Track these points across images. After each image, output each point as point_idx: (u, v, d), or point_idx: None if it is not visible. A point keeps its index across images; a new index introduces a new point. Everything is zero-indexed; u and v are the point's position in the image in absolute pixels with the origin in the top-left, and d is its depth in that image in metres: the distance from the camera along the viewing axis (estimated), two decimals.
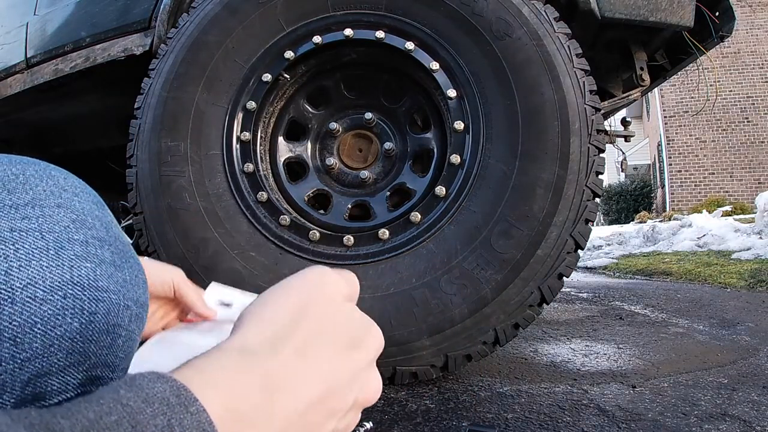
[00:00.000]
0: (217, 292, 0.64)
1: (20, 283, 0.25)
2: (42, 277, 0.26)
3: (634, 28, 1.23)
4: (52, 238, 0.27)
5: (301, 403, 0.27)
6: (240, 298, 0.65)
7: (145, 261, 0.54)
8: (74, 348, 0.27)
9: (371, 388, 0.33)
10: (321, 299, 0.31)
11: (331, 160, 1.21)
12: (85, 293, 0.27)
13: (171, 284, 0.57)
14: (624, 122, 1.78)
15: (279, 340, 0.28)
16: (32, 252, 0.26)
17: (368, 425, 0.80)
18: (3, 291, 0.25)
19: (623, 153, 2.06)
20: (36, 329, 0.25)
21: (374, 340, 0.34)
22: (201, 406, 0.22)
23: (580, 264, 4.70)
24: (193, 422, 0.22)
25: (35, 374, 0.26)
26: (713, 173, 11.39)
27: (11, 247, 0.26)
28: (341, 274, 0.35)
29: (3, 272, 0.25)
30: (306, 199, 1.20)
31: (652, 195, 14.03)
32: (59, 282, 0.27)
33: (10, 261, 0.25)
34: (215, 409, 0.23)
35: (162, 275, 0.57)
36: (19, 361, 0.25)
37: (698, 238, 4.85)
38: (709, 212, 6.87)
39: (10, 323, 0.25)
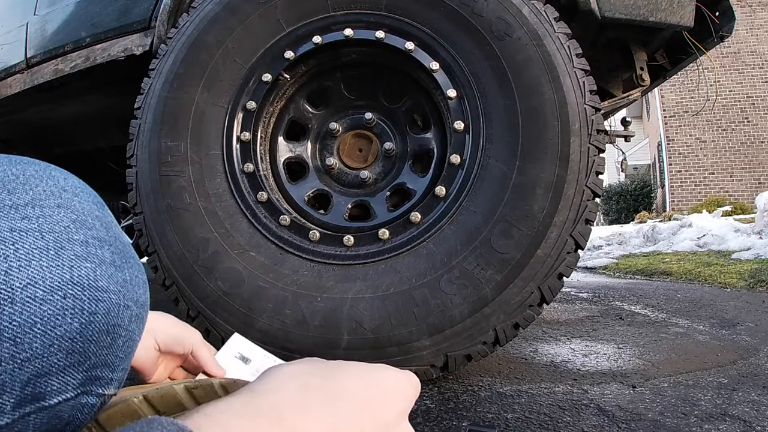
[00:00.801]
0: (238, 344, 0.64)
1: (20, 283, 0.25)
2: (42, 277, 0.26)
3: (634, 28, 1.23)
4: (52, 238, 0.27)
5: None
6: (261, 356, 0.64)
7: (167, 320, 0.60)
8: (74, 348, 0.27)
9: None
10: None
11: (331, 160, 1.21)
12: (85, 293, 0.27)
13: (189, 345, 0.60)
14: (624, 122, 1.78)
15: (291, 383, 0.30)
16: (32, 252, 0.26)
17: None
18: (3, 291, 0.25)
19: (623, 153, 2.06)
20: (36, 329, 0.25)
21: (407, 393, 0.35)
22: None
23: (580, 264, 4.70)
24: None
25: (35, 374, 0.26)
26: (713, 173, 11.39)
27: (11, 247, 0.26)
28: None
29: (3, 272, 0.25)
30: (306, 199, 1.20)
31: (652, 195, 14.03)
32: (59, 282, 0.27)
33: (10, 261, 0.25)
34: None
35: (182, 336, 0.60)
36: (19, 361, 0.25)
37: (698, 238, 4.84)
38: (709, 212, 6.87)
39: (10, 323, 0.24)
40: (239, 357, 0.63)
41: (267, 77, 1.15)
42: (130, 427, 0.22)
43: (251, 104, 1.16)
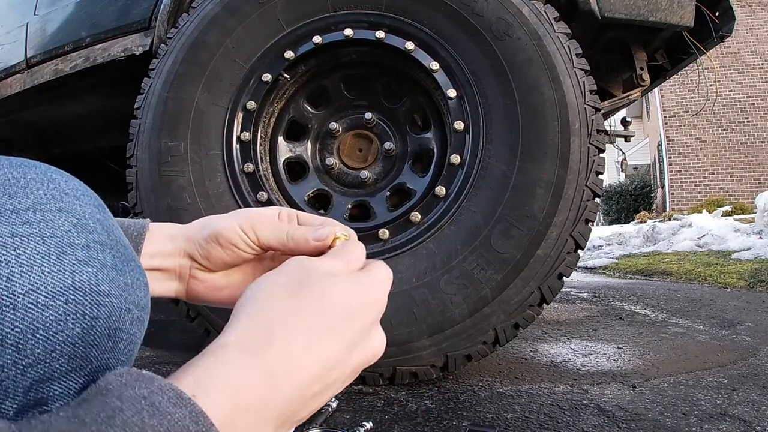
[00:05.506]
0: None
1: (22, 289, 0.25)
2: (44, 282, 0.26)
3: (634, 28, 1.23)
4: (53, 243, 0.27)
5: (301, 384, 0.29)
6: None
7: (216, 219, 0.45)
8: (76, 353, 0.27)
9: (371, 349, 0.35)
10: (315, 277, 0.33)
11: (331, 160, 1.21)
12: (87, 298, 0.27)
13: (238, 234, 0.43)
14: (624, 122, 1.78)
15: (273, 328, 0.30)
16: (34, 257, 0.26)
17: (368, 425, 0.81)
18: (5, 297, 0.25)
19: (623, 153, 2.06)
20: (38, 335, 0.25)
21: (373, 304, 0.35)
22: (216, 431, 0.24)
23: (580, 264, 4.70)
24: None
25: (37, 380, 0.26)
26: (713, 173, 11.39)
27: (12, 252, 0.26)
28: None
29: (5, 278, 0.25)
30: (306, 199, 1.20)
31: (652, 195, 14.03)
32: (61, 287, 0.27)
33: (12, 267, 0.25)
34: (225, 407, 0.25)
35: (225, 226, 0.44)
36: (22, 367, 0.25)
37: (698, 238, 4.85)
38: (709, 212, 6.88)
39: (12, 329, 0.24)
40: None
41: (267, 77, 1.15)
42: (137, 398, 0.23)
43: (251, 104, 1.15)
